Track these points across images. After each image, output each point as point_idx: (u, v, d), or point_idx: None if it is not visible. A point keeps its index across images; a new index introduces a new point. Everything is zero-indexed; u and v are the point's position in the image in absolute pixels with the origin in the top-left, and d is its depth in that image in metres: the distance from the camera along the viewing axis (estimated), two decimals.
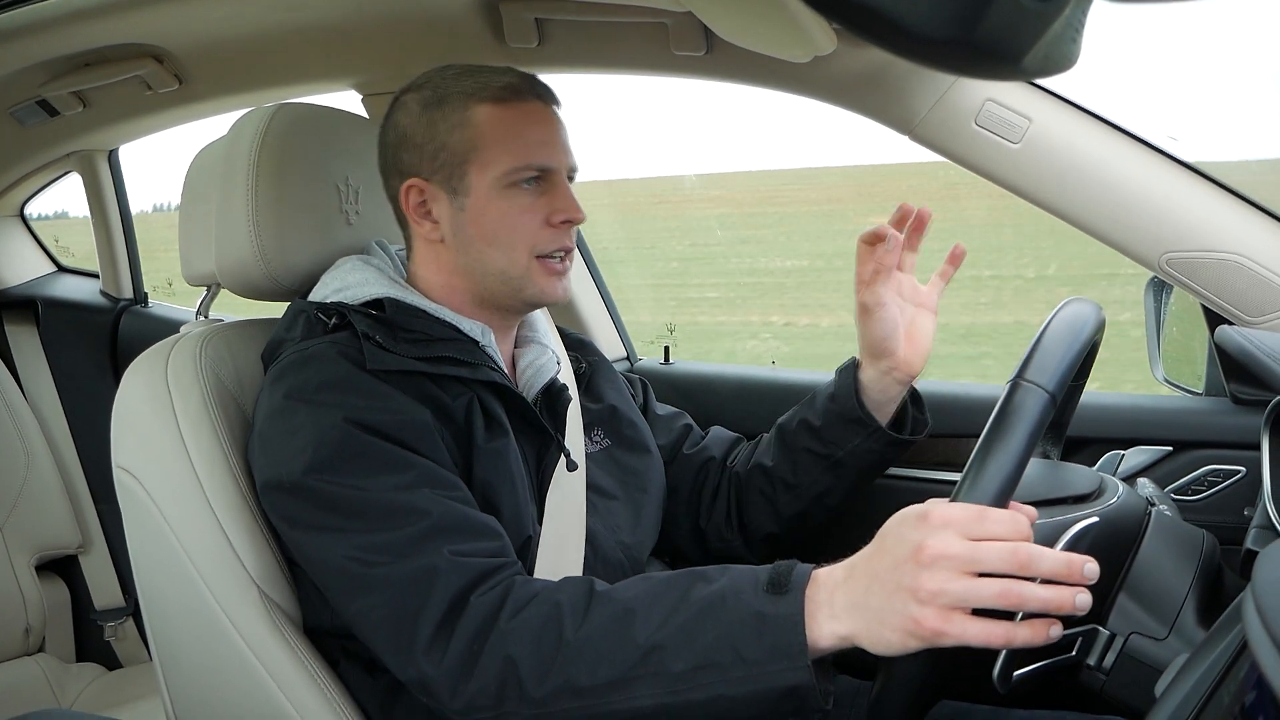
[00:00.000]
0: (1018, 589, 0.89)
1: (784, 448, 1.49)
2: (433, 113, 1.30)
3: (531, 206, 1.30)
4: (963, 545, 0.90)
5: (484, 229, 1.30)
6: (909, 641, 0.92)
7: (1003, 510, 0.93)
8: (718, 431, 1.64)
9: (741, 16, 1.31)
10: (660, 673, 1.00)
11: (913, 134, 1.52)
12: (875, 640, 0.94)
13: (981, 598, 0.89)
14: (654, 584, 1.07)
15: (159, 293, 2.80)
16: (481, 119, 1.28)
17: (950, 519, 0.92)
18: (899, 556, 0.93)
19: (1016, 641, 0.91)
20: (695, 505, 1.56)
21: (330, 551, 1.14)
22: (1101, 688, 1.08)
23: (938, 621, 0.90)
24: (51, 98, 2.08)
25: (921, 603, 0.91)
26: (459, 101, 1.29)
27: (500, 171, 1.28)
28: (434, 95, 1.31)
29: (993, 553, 0.90)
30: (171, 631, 1.36)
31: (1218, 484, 1.61)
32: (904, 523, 0.96)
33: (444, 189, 1.31)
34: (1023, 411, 0.96)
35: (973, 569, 0.90)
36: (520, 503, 1.26)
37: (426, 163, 1.31)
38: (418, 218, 1.33)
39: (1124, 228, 1.45)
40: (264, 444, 1.23)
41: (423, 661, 1.08)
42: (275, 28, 1.77)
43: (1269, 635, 0.62)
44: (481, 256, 1.31)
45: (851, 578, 0.97)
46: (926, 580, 0.90)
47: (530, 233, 1.30)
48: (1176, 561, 1.13)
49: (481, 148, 1.28)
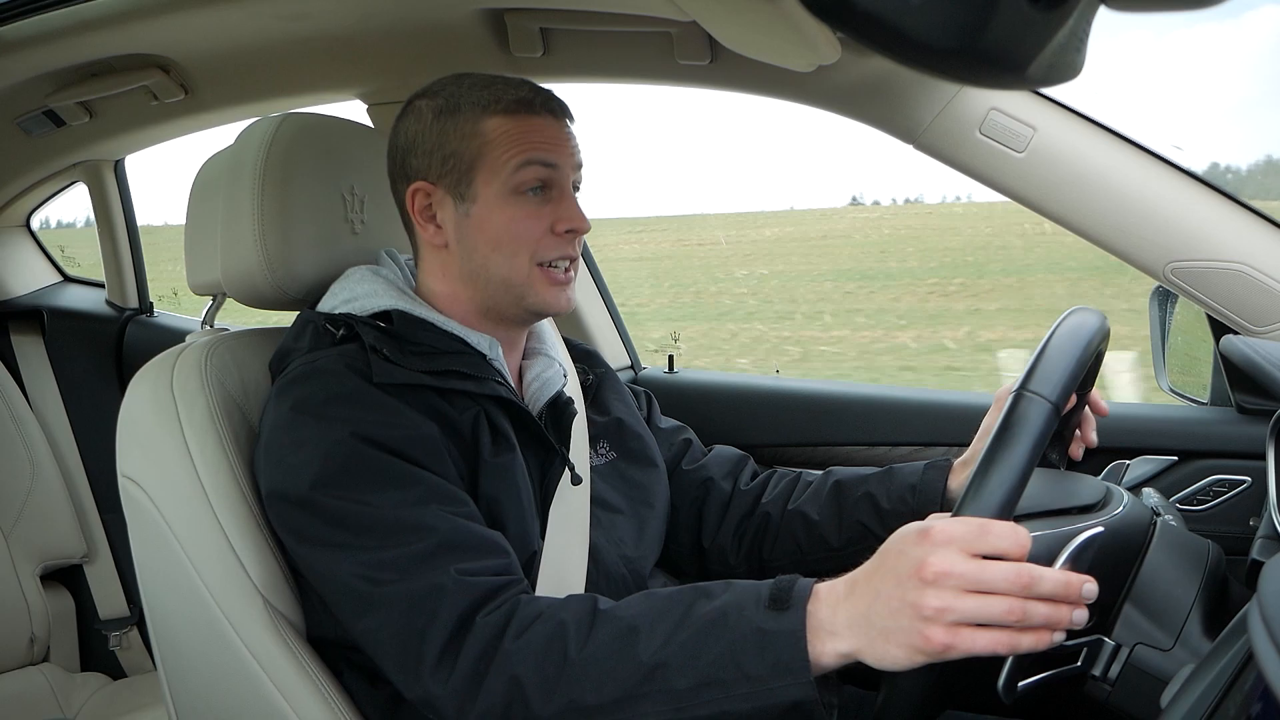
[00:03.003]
0: (1021, 606, 0.89)
1: (836, 510, 1.46)
2: (444, 121, 1.31)
3: (536, 214, 1.30)
4: (966, 564, 0.90)
5: (488, 235, 1.30)
6: (915, 657, 0.92)
7: (1004, 524, 0.93)
8: (721, 450, 1.62)
9: (746, 26, 1.31)
10: (665, 690, 1.00)
11: (917, 143, 1.52)
12: (880, 656, 0.94)
13: (990, 615, 0.90)
14: (657, 601, 1.07)
15: (164, 302, 2.80)
16: (491, 129, 1.29)
17: (952, 536, 0.92)
18: (901, 573, 0.93)
19: (1022, 647, 0.91)
20: (696, 524, 1.55)
21: (337, 568, 1.14)
22: (1107, 698, 1.08)
23: (945, 637, 0.90)
24: (58, 108, 2.09)
25: (927, 620, 0.91)
26: (471, 112, 1.30)
27: (506, 176, 1.28)
28: (447, 103, 1.31)
29: (997, 574, 0.90)
30: (176, 641, 1.36)
31: (1223, 494, 1.61)
32: (905, 539, 0.96)
33: (450, 194, 1.31)
34: (1026, 422, 0.96)
35: (977, 588, 0.90)
36: (525, 518, 1.26)
37: (435, 168, 1.31)
38: (423, 221, 1.34)
39: (1128, 237, 1.45)
40: (270, 456, 1.22)
41: (429, 681, 1.08)
42: (281, 38, 1.77)
43: (1275, 646, 0.61)
44: (485, 263, 1.31)
45: (853, 594, 0.97)
46: (931, 598, 0.90)
47: (533, 240, 1.30)
48: (1182, 572, 1.12)
49: (489, 156, 1.29)
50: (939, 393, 1.92)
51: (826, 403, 1.98)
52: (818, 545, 1.46)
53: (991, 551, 0.91)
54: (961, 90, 1.47)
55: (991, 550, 0.91)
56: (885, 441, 1.90)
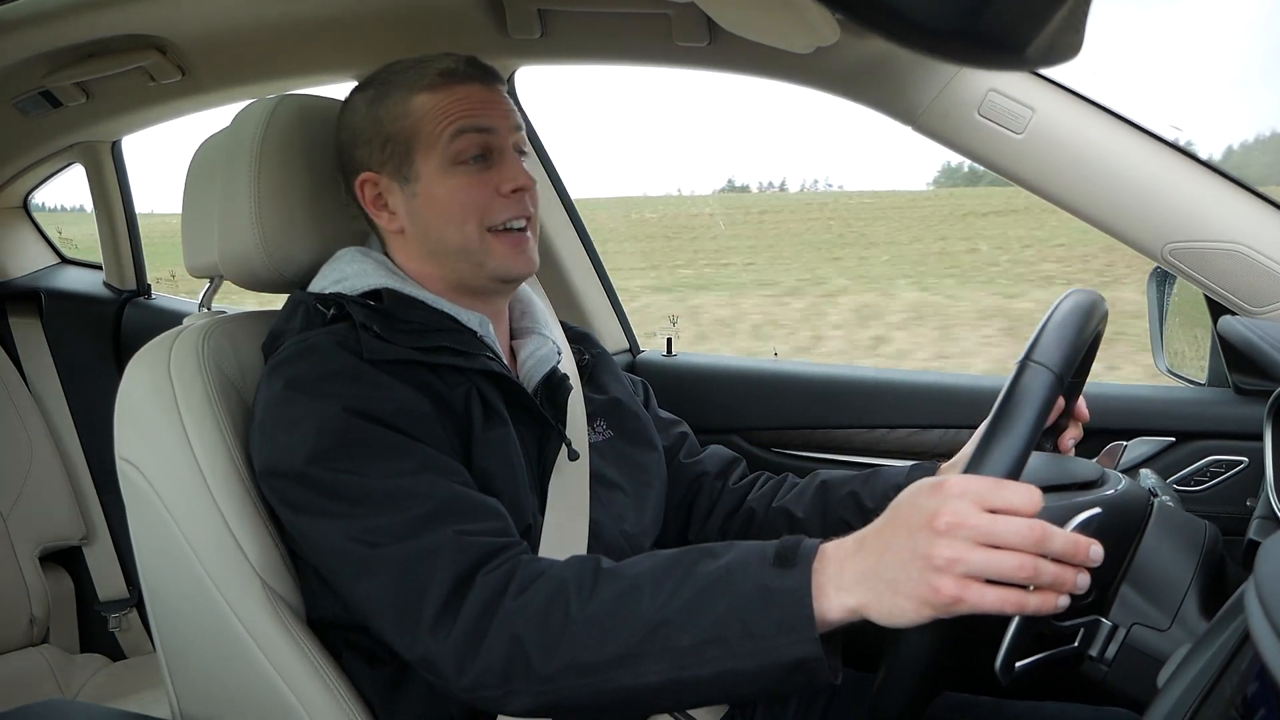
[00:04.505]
0: (1033, 563, 0.89)
1: (821, 508, 1.47)
2: (377, 108, 1.33)
3: (479, 180, 1.31)
4: (980, 516, 0.90)
5: (436, 210, 1.32)
6: (923, 610, 0.91)
7: (1017, 482, 0.93)
8: (715, 449, 1.64)
9: (744, 7, 1.31)
10: (667, 648, 0.99)
11: (916, 125, 1.52)
12: (888, 610, 0.93)
13: (1001, 570, 0.89)
14: (660, 560, 1.07)
15: (162, 284, 2.80)
16: (420, 106, 1.31)
17: (967, 488, 0.91)
18: (914, 524, 0.92)
19: (1029, 608, 0.90)
20: (685, 517, 1.57)
21: (334, 535, 1.14)
22: (1104, 679, 1.08)
23: (955, 589, 0.89)
24: (55, 89, 2.08)
25: (938, 570, 0.90)
26: (400, 93, 1.32)
27: (442, 148, 1.30)
28: (378, 92, 1.34)
29: (1010, 527, 0.89)
30: (175, 623, 1.37)
31: (1220, 475, 1.61)
32: (919, 492, 0.95)
33: (395, 179, 1.33)
34: (1030, 391, 0.96)
35: (990, 541, 0.89)
36: (519, 491, 1.26)
37: (376, 156, 1.34)
38: (376, 210, 1.36)
39: (1127, 218, 1.45)
40: (265, 433, 1.23)
41: (429, 640, 1.07)
42: (278, 19, 1.77)
43: (1271, 626, 0.62)
44: (440, 237, 1.33)
45: (862, 550, 0.96)
46: (944, 548, 0.89)
47: (480, 206, 1.31)
48: (1179, 553, 1.13)
49: (423, 132, 1.31)
50: (937, 375, 1.92)
51: (825, 385, 1.98)
52: None
53: (1005, 506, 0.90)
54: (960, 72, 1.46)
55: (1005, 505, 0.90)
56: (883, 424, 1.90)
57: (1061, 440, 1.38)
